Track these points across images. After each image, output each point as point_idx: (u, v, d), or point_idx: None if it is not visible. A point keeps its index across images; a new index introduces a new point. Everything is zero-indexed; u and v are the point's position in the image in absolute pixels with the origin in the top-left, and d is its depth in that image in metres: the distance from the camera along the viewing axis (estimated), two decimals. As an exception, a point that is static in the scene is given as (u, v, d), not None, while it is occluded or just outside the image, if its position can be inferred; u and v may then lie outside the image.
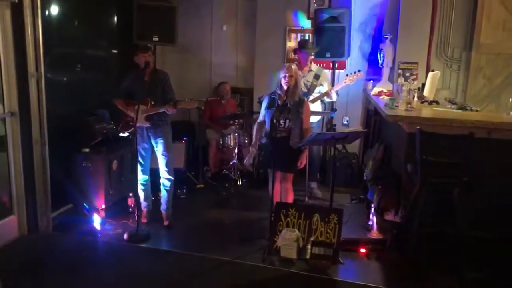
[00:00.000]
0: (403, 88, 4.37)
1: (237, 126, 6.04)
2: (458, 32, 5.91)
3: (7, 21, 3.89)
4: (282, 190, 4.33)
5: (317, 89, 5.29)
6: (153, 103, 4.34)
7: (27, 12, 3.96)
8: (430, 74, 5.05)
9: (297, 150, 4.10)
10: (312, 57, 5.37)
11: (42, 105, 4.21)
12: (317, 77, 5.26)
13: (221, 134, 6.10)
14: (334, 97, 5.31)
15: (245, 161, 4.60)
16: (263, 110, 4.27)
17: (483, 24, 5.68)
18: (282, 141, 4.11)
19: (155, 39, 5.39)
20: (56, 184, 4.48)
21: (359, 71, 5.31)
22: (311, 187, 5.50)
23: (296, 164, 4.17)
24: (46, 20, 4.26)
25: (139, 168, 4.53)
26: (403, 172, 4.00)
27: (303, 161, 4.18)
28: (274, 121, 4.06)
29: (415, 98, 4.65)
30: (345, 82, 5.29)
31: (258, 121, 4.36)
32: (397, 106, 4.32)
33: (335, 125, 6.05)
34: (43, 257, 3.95)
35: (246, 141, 6.12)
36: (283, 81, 4.05)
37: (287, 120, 4.10)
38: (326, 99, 5.41)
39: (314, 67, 5.33)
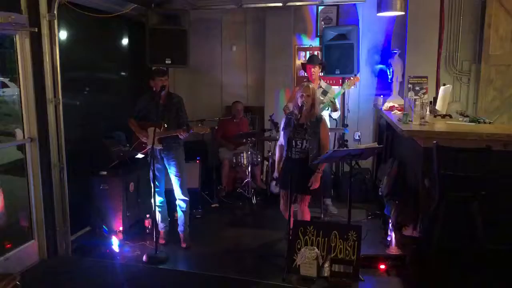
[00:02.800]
0: (416, 102, 4.39)
1: (250, 145, 6.08)
2: (466, 45, 5.96)
3: (27, 49, 3.99)
4: (298, 212, 4.30)
5: (321, 106, 5.26)
6: (166, 126, 4.40)
7: (45, 40, 4.08)
8: (442, 88, 5.07)
9: (314, 171, 4.07)
10: (321, 73, 5.40)
11: (60, 130, 4.29)
12: (325, 93, 5.29)
13: (234, 153, 6.14)
14: (338, 104, 5.27)
15: (274, 175, 4.56)
16: (281, 131, 4.26)
17: (491, 36, 5.72)
18: (299, 162, 4.08)
19: (168, 61, 5.47)
20: (74, 207, 4.53)
21: (355, 75, 5.34)
22: (326, 203, 5.49)
23: (309, 187, 4.10)
24: (61, 45, 4.36)
25: (154, 190, 4.55)
26: (420, 187, 3.99)
27: (316, 184, 4.10)
28: (291, 141, 4.05)
29: (428, 112, 4.67)
30: (343, 89, 5.34)
31: (279, 143, 4.33)
32: (410, 121, 4.34)
33: (346, 140, 6.08)
34: (63, 281, 3.96)
35: (259, 159, 6.17)
36: (299, 101, 4.04)
37: (304, 141, 4.07)
38: (333, 113, 5.38)
39: (323, 84, 5.37)
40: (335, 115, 5.35)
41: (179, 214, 4.66)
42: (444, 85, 5.19)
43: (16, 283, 2.91)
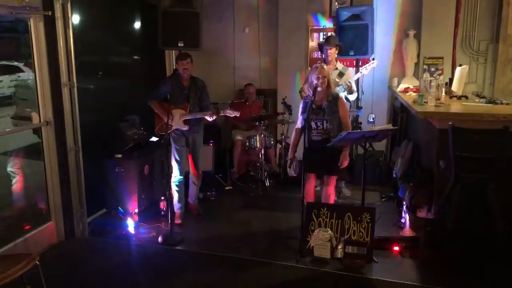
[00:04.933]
0: (432, 83, 4.34)
1: (263, 128, 6.07)
2: (483, 24, 5.82)
3: (41, 33, 4.00)
4: (324, 193, 4.30)
5: (337, 89, 5.19)
6: (191, 108, 4.60)
7: (59, 23, 4.08)
8: (458, 68, 4.99)
9: (338, 151, 4.06)
10: (335, 51, 5.29)
11: (75, 113, 4.33)
12: (341, 75, 5.23)
13: (247, 135, 6.14)
14: (354, 87, 5.17)
15: (290, 172, 4.47)
16: (300, 116, 4.25)
17: (510, 15, 5.58)
18: (321, 143, 4.07)
19: (180, 44, 5.44)
20: (90, 189, 4.60)
21: (373, 59, 5.28)
22: (339, 186, 5.47)
23: (338, 166, 4.10)
24: (74, 29, 4.36)
25: (176, 167, 4.71)
26: (435, 169, 3.96)
27: (345, 162, 4.11)
28: (311, 124, 4.04)
29: (444, 94, 4.61)
30: (361, 73, 5.28)
31: (296, 127, 4.33)
32: (426, 102, 4.29)
33: (360, 123, 6.03)
34: (80, 261, 4.06)
35: (272, 142, 6.17)
36: (315, 83, 3.98)
37: (324, 122, 4.06)
38: (349, 95, 5.31)
39: (339, 65, 5.30)
40: (352, 97, 5.28)
41: (193, 187, 4.94)
42: (460, 65, 5.10)
43: (36, 262, 2.97)
